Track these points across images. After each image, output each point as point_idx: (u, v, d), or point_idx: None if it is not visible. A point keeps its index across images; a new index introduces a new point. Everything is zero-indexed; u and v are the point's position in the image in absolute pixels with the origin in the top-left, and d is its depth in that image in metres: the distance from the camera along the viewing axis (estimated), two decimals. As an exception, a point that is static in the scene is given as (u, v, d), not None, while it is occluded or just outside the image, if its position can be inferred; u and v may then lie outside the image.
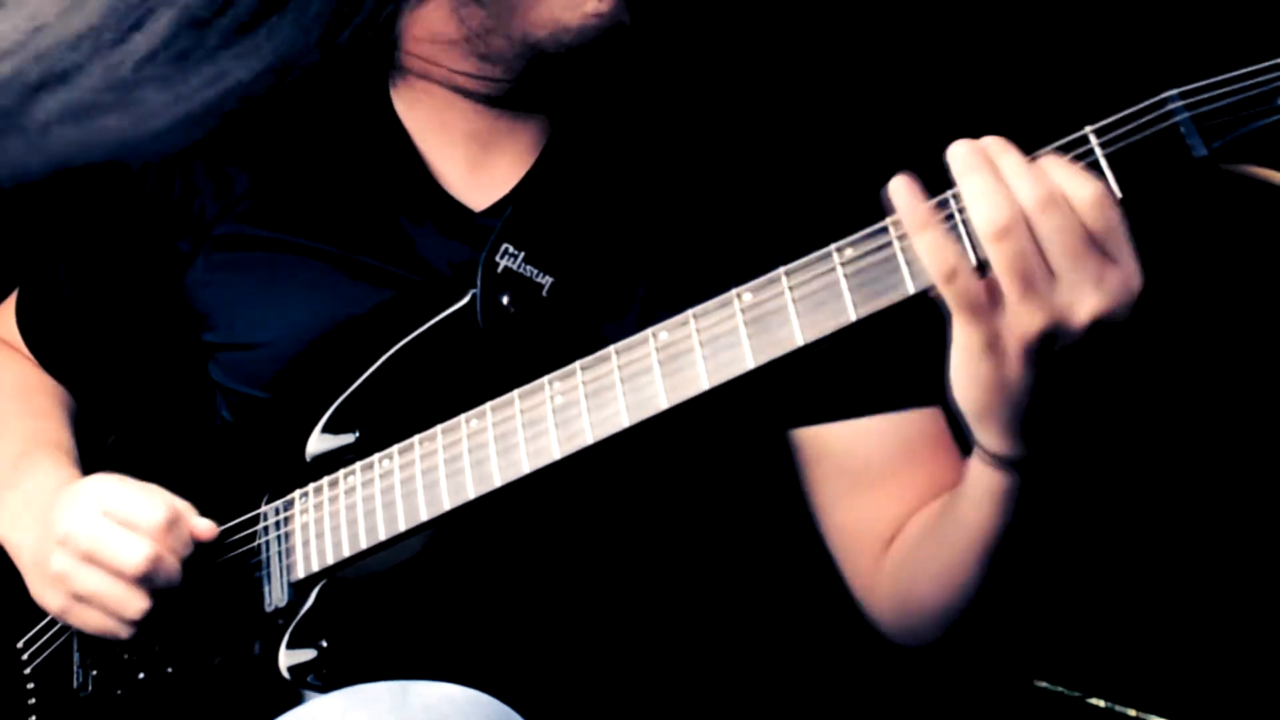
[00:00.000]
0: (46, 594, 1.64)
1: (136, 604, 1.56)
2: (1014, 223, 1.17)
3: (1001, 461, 1.32)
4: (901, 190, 1.21)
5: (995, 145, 1.22)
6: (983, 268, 1.21)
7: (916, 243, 1.20)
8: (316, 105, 1.78)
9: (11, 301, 1.97)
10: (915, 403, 1.63)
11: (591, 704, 1.66)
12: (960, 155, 1.21)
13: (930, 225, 1.20)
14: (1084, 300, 1.18)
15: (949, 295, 1.20)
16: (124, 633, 1.59)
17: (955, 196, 1.22)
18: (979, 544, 1.42)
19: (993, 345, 1.21)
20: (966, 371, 1.25)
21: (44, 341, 1.94)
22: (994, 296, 1.20)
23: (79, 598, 1.59)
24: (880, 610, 1.64)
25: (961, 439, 1.61)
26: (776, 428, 1.68)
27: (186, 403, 1.86)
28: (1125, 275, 1.19)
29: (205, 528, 1.59)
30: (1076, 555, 1.49)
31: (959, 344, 1.24)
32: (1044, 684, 2.06)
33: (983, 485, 1.37)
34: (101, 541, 1.55)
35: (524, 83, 1.66)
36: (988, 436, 1.31)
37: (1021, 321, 1.19)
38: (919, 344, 1.60)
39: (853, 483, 1.64)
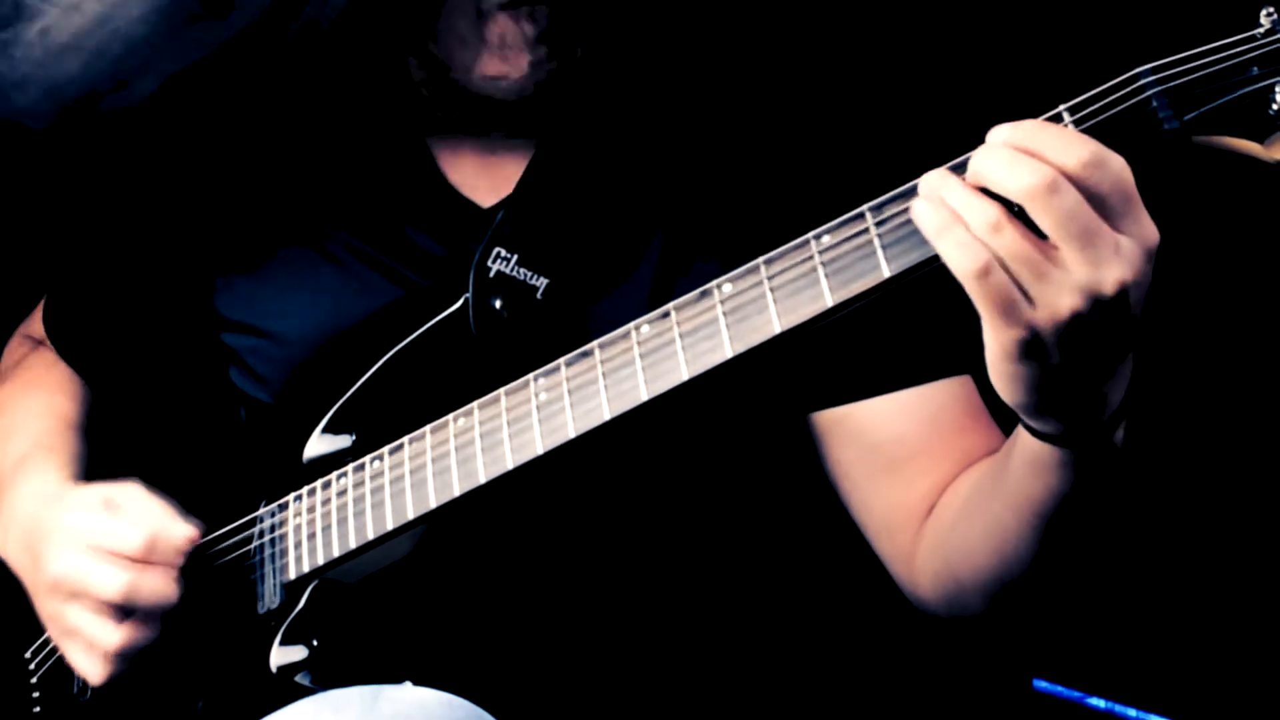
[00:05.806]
0: (49, 625, 1.65)
1: (112, 636, 1.56)
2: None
3: (1054, 440, 1.28)
4: (932, 184, 1.16)
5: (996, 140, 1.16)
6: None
7: (943, 241, 1.15)
8: (329, 96, 1.79)
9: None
10: (941, 374, 1.61)
11: (579, 707, 1.65)
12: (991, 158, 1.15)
13: (958, 222, 1.15)
14: (1109, 271, 1.13)
15: (981, 294, 1.15)
16: (100, 671, 1.58)
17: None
18: (1033, 515, 1.37)
19: (1029, 342, 1.16)
20: (1007, 375, 1.20)
21: (64, 332, 1.94)
22: (1024, 291, 1.15)
23: (66, 632, 1.60)
24: (922, 584, 1.60)
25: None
26: (799, 412, 1.66)
27: (202, 405, 1.87)
28: (1141, 235, 1.14)
29: (185, 534, 1.56)
30: (1076, 554, 1.48)
31: (994, 348, 1.19)
32: (1044, 684, 2.05)
33: (1031, 459, 1.32)
34: (85, 576, 1.56)
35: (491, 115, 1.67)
36: (1041, 425, 1.27)
37: (1053, 309, 1.15)
38: (939, 316, 1.59)
39: (885, 463, 1.61)
